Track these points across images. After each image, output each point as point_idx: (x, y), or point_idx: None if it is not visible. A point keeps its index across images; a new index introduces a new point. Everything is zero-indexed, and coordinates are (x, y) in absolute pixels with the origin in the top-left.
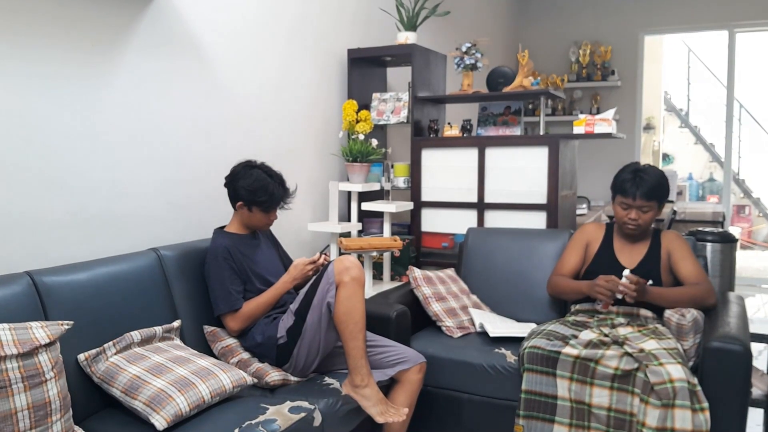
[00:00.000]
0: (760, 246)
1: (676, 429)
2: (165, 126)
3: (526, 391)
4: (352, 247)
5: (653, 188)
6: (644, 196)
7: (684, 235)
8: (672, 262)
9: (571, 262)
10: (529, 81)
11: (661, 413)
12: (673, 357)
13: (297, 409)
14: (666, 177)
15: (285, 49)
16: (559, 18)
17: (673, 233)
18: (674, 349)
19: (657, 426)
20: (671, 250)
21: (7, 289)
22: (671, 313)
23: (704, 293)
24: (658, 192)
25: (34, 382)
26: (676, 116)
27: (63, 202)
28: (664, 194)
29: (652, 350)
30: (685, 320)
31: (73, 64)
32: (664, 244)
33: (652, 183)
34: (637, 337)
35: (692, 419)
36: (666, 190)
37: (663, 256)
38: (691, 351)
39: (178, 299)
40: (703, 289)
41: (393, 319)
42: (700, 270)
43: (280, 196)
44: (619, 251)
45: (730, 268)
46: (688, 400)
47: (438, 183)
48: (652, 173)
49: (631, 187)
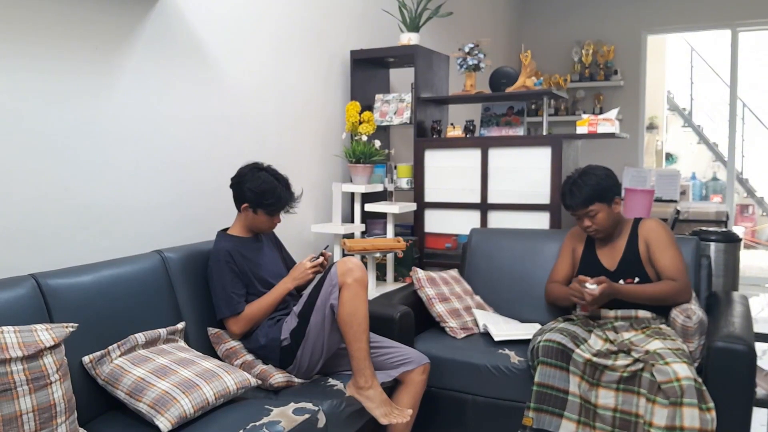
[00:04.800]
0: (763, 245)
1: (685, 427)
2: (169, 128)
3: (538, 384)
4: (356, 248)
5: (588, 196)
6: (581, 205)
7: (688, 234)
8: (650, 253)
9: (561, 269)
10: (531, 81)
11: (669, 412)
12: (678, 357)
13: (301, 411)
14: (605, 174)
15: (288, 50)
16: (562, 18)
17: (653, 222)
18: (679, 349)
19: (666, 425)
20: (649, 242)
21: (11, 291)
22: (677, 313)
23: (678, 291)
24: (596, 195)
25: (39, 385)
26: (679, 116)
27: (67, 205)
28: (604, 193)
29: (657, 350)
30: (690, 322)
31: (77, 66)
32: (641, 236)
33: (586, 192)
34: (641, 339)
35: (700, 418)
36: (606, 187)
37: (641, 248)
38: (696, 353)
39: (182, 301)
40: (677, 286)
41: (396, 320)
42: (678, 264)
43: (287, 200)
44: (600, 252)
45: (733, 267)
46: (696, 398)
47: (441, 184)
48: (586, 181)
49: (568, 201)
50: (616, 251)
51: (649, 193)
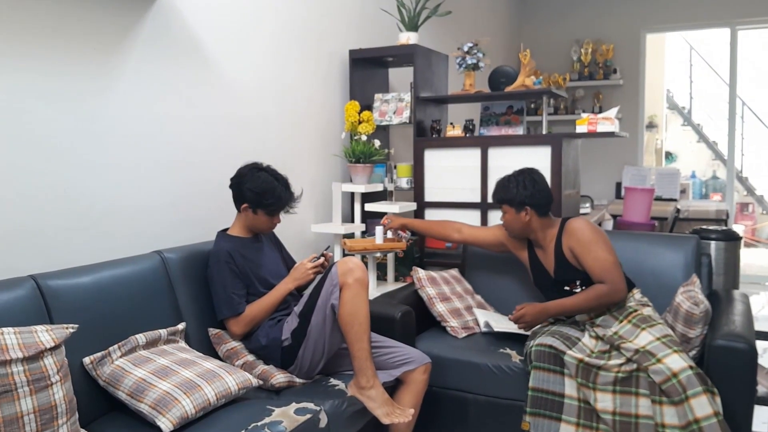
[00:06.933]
0: (763, 244)
1: (699, 418)
2: (167, 128)
3: (533, 389)
4: (356, 248)
5: (499, 196)
6: (493, 199)
7: (688, 233)
8: (576, 256)
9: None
10: (531, 80)
11: (678, 410)
12: (668, 346)
13: (303, 411)
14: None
15: (287, 50)
16: (561, 17)
17: (575, 222)
18: (667, 335)
19: (680, 424)
20: (572, 247)
21: (11, 293)
22: (683, 299)
23: (607, 293)
24: (506, 198)
25: (39, 386)
26: (678, 114)
27: (66, 206)
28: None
29: (647, 346)
30: (697, 309)
31: (75, 66)
32: (564, 241)
33: (498, 191)
34: (628, 330)
35: (709, 402)
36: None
37: (566, 253)
38: (696, 341)
39: (183, 302)
40: (606, 289)
41: (398, 320)
42: (602, 264)
43: (287, 200)
44: (540, 257)
45: (734, 266)
46: (699, 386)
47: (441, 183)
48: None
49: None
50: (549, 257)
51: (649, 191)
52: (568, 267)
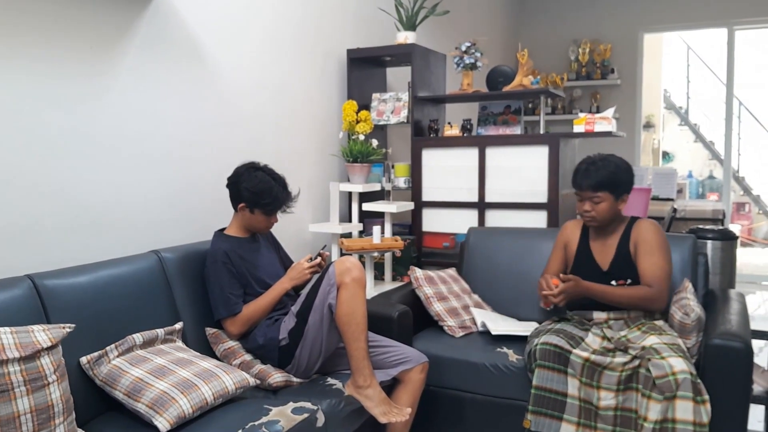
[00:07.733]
0: (760, 243)
1: (677, 419)
2: (164, 127)
3: (536, 387)
4: (354, 247)
5: (603, 179)
6: (591, 187)
7: (685, 232)
8: (636, 255)
9: (552, 266)
10: (528, 80)
11: (662, 406)
12: (674, 351)
13: (300, 410)
14: (625, 167)
15: (284, 49)
16: (559, 16)
17: (646, 223)
18: (675, 344)
19: (658, 419)
20: (638, 243)
21: (8, 292)
22: (675, 309)
23: (650, 298)
24: (609, 182)
25: (36, 386)
26: (675, 114)
27: (63, 205)
28: (617, 184)
29: (653, 345)
30: (688, 319)
31: (72, 66)
32: (633, 236)
33: (603, 174)
34: (637, 336)
35: (693, 410)
36: (621, 180)
37: (632, 249)
38: (693, 349)
39: (180, 301)
40: (650, 293)
41: (395, 319)
42: (657, 271)
43: (284, 200)
44: (595, 249)
45: (730, 265)
46: (691, 391)
47: (439, 183)
48: (606, 165)
49: (580, 179)
50: (609, 249)
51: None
52: (626, 262)
